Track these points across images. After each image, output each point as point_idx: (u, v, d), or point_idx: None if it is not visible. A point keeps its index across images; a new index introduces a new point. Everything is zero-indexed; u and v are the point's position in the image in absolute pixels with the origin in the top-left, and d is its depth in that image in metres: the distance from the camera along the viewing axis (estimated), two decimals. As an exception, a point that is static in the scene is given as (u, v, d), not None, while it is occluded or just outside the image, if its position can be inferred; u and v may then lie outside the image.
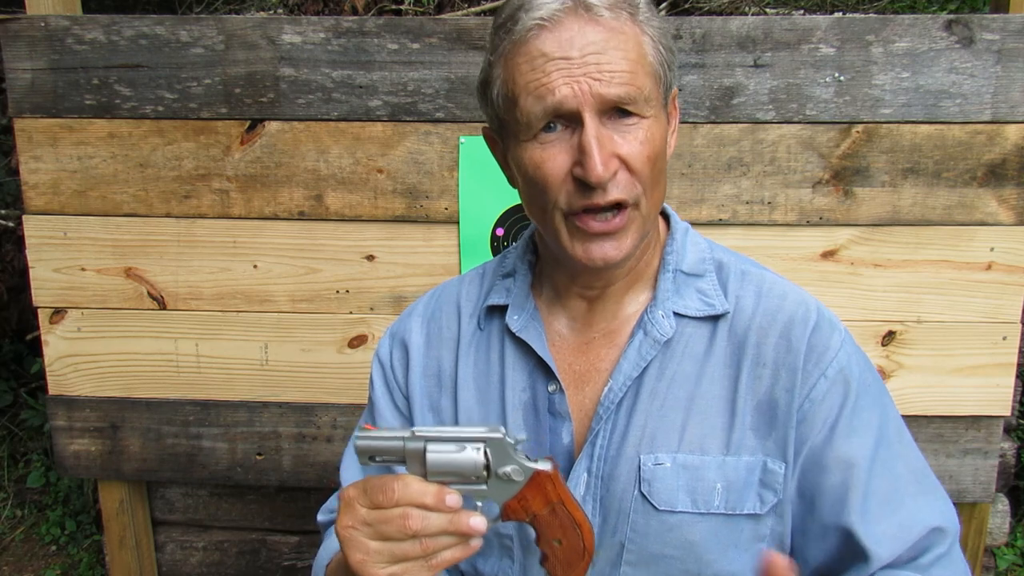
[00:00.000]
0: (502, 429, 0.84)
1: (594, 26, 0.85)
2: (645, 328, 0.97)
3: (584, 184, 0.86)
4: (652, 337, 0.96)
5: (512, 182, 1.01)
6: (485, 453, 0.83)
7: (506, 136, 0.94)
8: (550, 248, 0.98)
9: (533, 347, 0.99)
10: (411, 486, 0.79)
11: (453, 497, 0.80)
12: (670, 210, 1.06)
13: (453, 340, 1.07)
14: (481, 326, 1.06)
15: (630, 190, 0.87)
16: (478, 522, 0.80)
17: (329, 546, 1.07)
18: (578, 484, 0.95)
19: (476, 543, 0.82)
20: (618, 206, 0.88)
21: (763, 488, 0.94)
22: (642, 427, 0.95)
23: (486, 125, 1.01)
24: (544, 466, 0.85)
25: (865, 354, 1.01)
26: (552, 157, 0.87)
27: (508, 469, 0.83)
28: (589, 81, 0.84)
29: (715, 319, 0.98)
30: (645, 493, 0.94)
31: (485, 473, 0.83)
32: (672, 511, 0.94)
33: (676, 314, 0.97)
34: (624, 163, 0.87)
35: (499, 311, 1.05)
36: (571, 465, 0.97)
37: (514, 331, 1.01)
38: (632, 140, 0.87)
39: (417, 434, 0.82)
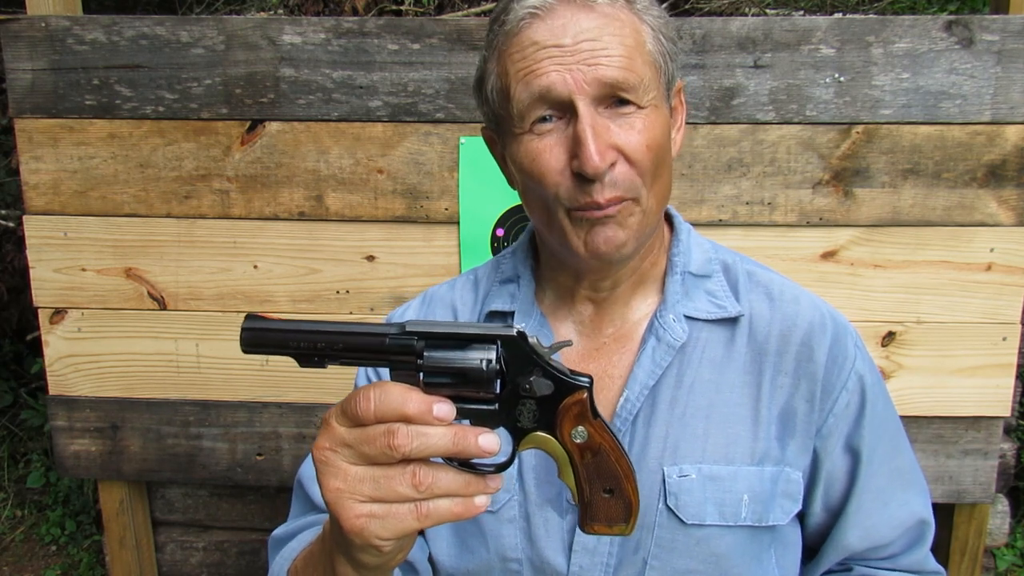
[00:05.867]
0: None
1: (588, 13, 0.81)
2: (657, 333, 0.92)
3: (583, 178, 0.81)
4: (665, 342, 0.91)
5: (512, 183, 0.97)
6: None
7: (503, 133, 0.90)
8: (553, 248, 0.93)
9: None
10: (391, 392, 0.62)
11: (443, 406, 0.62)
12: (673, 211, 1.03)
13: None
14: None
15: (629, 184, 0.83)
16: (488, 441, 0.62)
17: (287, 553, 0.94)
18: None
19: (482, 502, 0.63)
20: (618, 201, 0.84)
21: (784, 498, 0.91)
22: (663, 437, 0.90)
23: (484, 126, 0.98)
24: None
25: (865, 346, 1.01)
26: (548, 148, 0.83)
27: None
28: (583, 68, 0.79)
29: (731, 323, 0.94)
30: (671, 507, 0.89)
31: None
32: (700, 524, 0.89)
33: (687, 317, 0.93)
34: (622, 154, 0.82)
35: (501, 317, 1.00)
36: None
37: None
38: (630, 129, 0.82)
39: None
